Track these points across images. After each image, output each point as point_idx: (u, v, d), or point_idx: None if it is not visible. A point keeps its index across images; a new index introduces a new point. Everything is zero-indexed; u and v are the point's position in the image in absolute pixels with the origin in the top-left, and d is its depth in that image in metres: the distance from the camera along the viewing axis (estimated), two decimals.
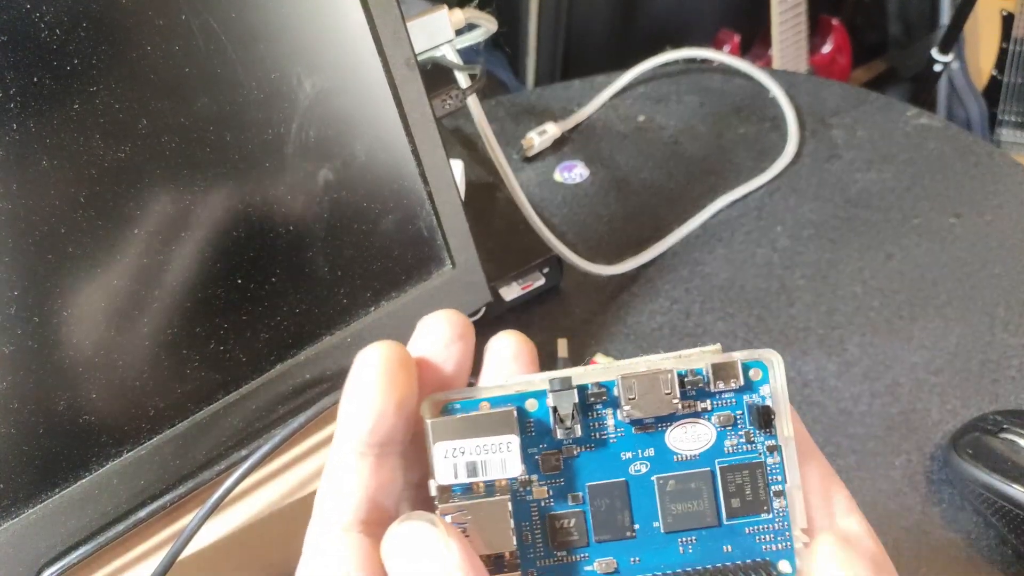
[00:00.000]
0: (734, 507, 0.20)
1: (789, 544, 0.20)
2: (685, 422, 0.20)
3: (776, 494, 0.20)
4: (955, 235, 0.56)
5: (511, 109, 0.67)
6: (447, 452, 0.19)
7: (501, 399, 0.20)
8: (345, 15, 0.34)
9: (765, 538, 0.20)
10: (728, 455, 0.20)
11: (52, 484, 0.32)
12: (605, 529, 0.20)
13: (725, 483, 0.20)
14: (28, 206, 0.29)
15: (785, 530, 0.20)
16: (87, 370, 0.31)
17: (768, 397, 0.20)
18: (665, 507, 0.20)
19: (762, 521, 0.20)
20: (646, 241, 0.55)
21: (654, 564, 0.20)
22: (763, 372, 0.20)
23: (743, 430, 0.20)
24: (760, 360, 0.20)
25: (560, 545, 0.20)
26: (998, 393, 0.46)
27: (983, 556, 0.40)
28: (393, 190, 0.37)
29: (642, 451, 0.20)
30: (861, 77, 1.44)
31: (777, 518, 0.20)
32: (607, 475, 0.20)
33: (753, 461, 0.20)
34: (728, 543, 0.20)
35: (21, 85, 0.28)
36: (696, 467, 0.20)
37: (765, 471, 0.20)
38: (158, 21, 0.30)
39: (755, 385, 0.20)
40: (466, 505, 0.19)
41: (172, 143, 0.31)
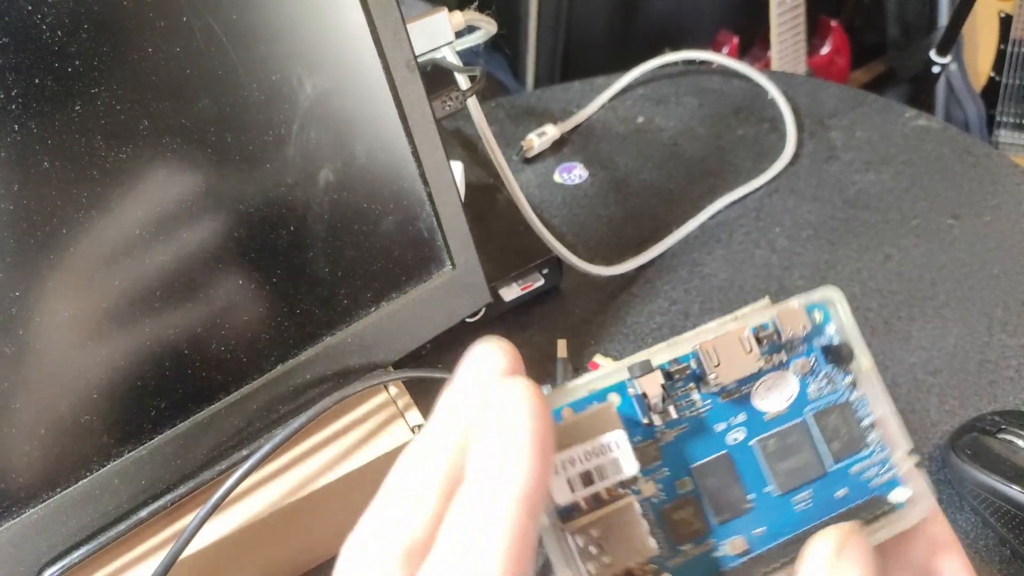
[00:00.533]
0: (836, 451, 0.20)
1: (894, 472, 0.20)
2: (766, 380, 0.19)
3: (869, 427, 0.20)
4: (953, 236, 0.56)
5: (511, 111, 0.67)
6: (556, 468, 0.17)
7: (582, 401, 0.18)
8: (345, 17, 0.34)
9: (871, 473, 0.20)
10: (814, 401, 0.20)
11: (53, 484, 0.32)
12: (722, 508, 0.19)
13: (822, 429, 0.19)
14: (30, 207, 0.29)
15: (887, 460, 0.20)
16: (88, 370, 0.31)
17: (836, 335, 0.20)
18: (773, 469, 0.19)
19: (864, 457, 0.20)
20: (645, 242, 0.55)
21: (779, 529, 0.19)
22: (824, 313, 0.20)
23: (822, 372, 0.20)
24: (820, 302, 0.20)
25: (683, 538, 0.19)
26: (996, 394, 0.47)
27: (981, 556, 0.40)
28: (393, 191, 0.37)
29: (734, 418, 0.19)
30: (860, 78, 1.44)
31: (876, 451, 0.20)
32: (707, 452, 0.19)
33: (840, 402, 0.20)
34: (840, 487, 0.20)
35: (23, 86, 0.28)
36: (789, 421, 0.19)
37: (852, 408, 0.20)
38: (159, 22, 0.30)
39: (822, 327, 0.20)
40: (593, 520, 0.17)
41: (173, 144, 0.31)
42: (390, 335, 0.39)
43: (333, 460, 0.37)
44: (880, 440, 0.20)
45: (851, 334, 0.20)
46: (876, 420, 0.20)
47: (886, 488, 0.20)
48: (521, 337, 0.50)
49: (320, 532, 0.38)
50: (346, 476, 0.36)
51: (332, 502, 0.37)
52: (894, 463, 0.20)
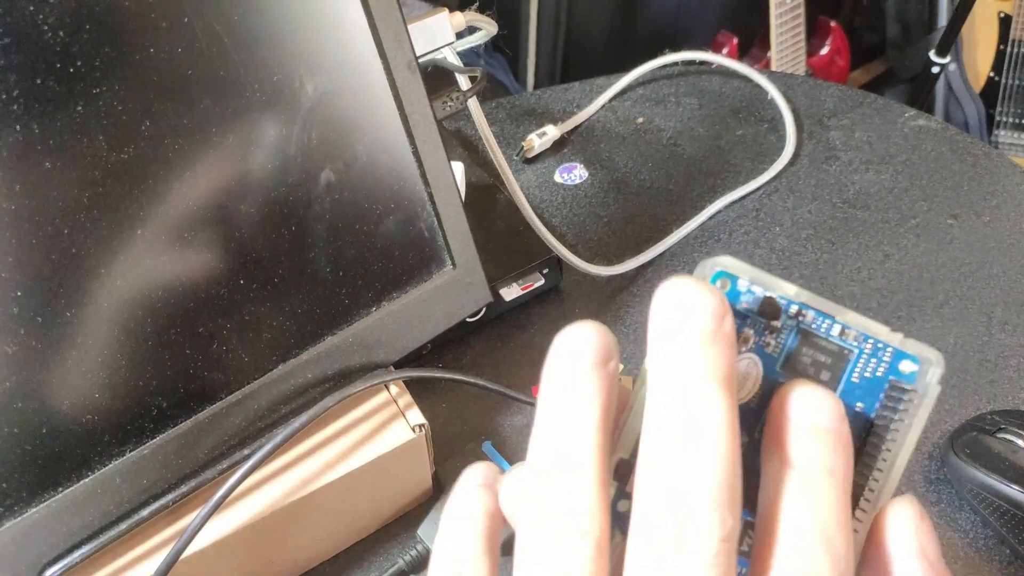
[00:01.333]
0: (827, 379, 0.19)
1: (891, 349, 0.19)
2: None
3: (842, 335, 0.19)
4: (953, 236, 0.56)
5: (511, 111, 0.67)
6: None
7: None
8: (347, 18, 0.34)
9: (871, 366, 0.19)
10: (779, 356, 0.19)
11: (55, 483, 0.32)
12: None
13: (803, 374, 0.19)
14: (31, 207, 0.29)
15: (875, 346, 0.19)
16: (90, 370, 0.31)
17: (747, 292, 0.19)
18: None
19: (855, 360, 0.19)
20: (645, 242, 0.55)
21: None
22: (730, 279, 0.19)
23: (757, 330, 0.19)
24: (716, 273, 0.19)
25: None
26: (995, 393, 0.47)
27: (981, 555, 0.40)
28: (394, 191, 0.37)
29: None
30: (859, 79, 1.44)
31: (863, 346, 0.19)
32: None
33: (798, 340, 0.19)
34: (855, 402, 0.19)
35: (25, 87, 0.28)
36: (770, 392, 0.19)
37: (811, 334, 0.19)
38: (161, 24, 0.30)
39: (735, 293, 0.19)
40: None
41: (175, 145, 0.31)
42: (391, 335, 0.39)
43: (334, 460, 0.37)
44: (858, 335, 0.19)
45: (762, 280, 0.19)
46: (842, 326, 0.19)
47: (893, 368, 0.19)
48: (521, 337, 0.50)
49: (321, 531, 0.38)
50: (347, 476, 0.36)
51: (333, 502, 0.37)
52: (885, 342, 0.19)
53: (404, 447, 0.38)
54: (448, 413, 0.46)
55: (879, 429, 0.19)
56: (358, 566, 0.40)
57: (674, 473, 0.16)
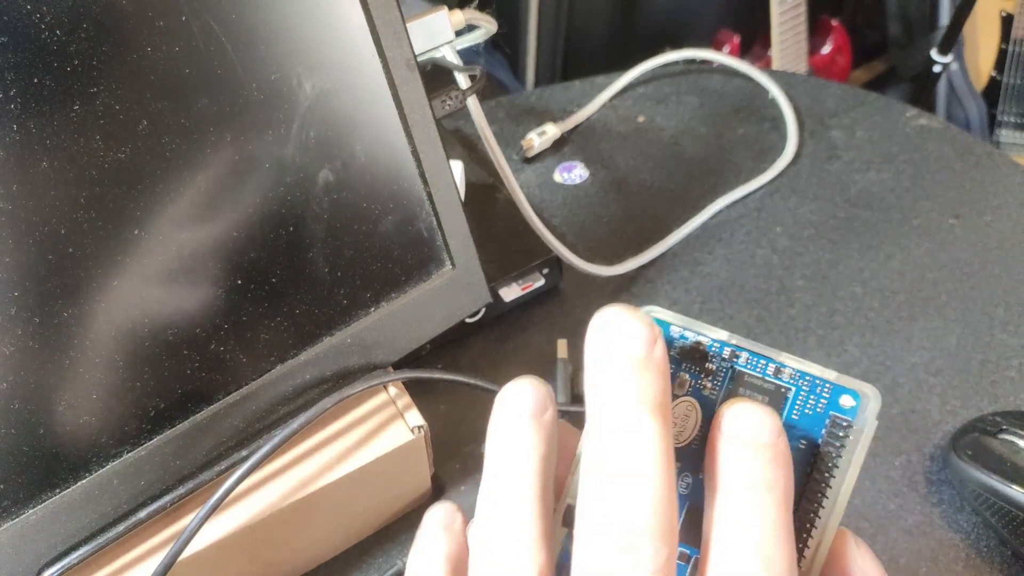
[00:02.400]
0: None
1: (829, 385, 0.19)
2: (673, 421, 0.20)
3: (776, 374, 0.19)
4: (955, 236, 0.56)
5: (511, 110, 0.67)
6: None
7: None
8: (345, 16, 0.34)
9: (811, 403, 0.19)
10: (716, 396, 0.20)
11: (52, 484, 0.32)
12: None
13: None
14: (28, 207, 0.29)
15: (813, 382, 0.19)
16: (87, 370, 0.31)
17: (682, 335, 0.20)
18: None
19: (794, 398, 0.19)
20: (646, 242, 0.55)
21: None
22: (661, 324, 0.20)
23: (701, 372, 0.20)
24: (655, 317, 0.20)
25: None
26: (997, 394, 0.46)
27: (982, 557, 0.40)
28: (393, 191, 0.37)
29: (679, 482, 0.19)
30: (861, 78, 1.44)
31: (799, 384, 0.19)
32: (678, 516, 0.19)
33: (730, 374, 0.20)
34: (797, 440, 0.19)
35: (21, 86, 0.28)
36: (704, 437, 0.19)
37: (749, 373, 0.19)
38: (158, 22, 0.30)
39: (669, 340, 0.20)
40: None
41: (172, 144, 0.31)
42: (390, 335, 0.39)
43: (333, 460, 0.37)
44: (794, 373, 0.19)
45: (692, 326, 0.20)
46: (777, 365, 0.20)
47: (833, 403, 0.19)
48: (521, 337, 0.50)
49: (320, 532, 0.38)
50: (346, 476, 0.36)
51: (332, 502, 0.37)
52: (822, 378, 0.19)
53: (403, 448, 0.37)
54: (447, 414, 0.46)
55: (822, 463, 0.19)
56: (357, 568, 0.40)
57: (607, 505, 0.16)
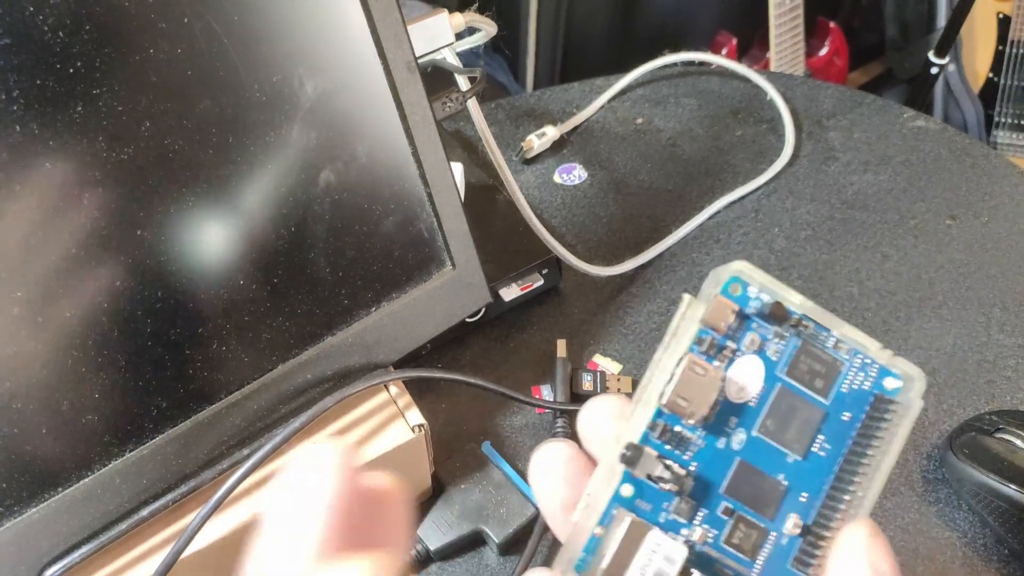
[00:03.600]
0: (820, 387, 0.20)
1: (878, 366, 0.20)
2: (731, 377, 0.20)
3: (836, 347, 0.20)
4: (951, 236, 0.56)
5: (511, 112, 0.67)
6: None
7: (605, 514, 0.20)
8: (346, 18, 0.34)
9: (859, 379, 0.20)
10: (779, 362, 0.21)
11: (55, 483, 0.32)
12: (767, 504, 0.20)
13: (799, 381, 0.20)
14: (31, 207, 0.29)
15: (864, 361, 0.20)
16: (90, 370, 0.31)
17: (761, 296, 0.20)
18: (783, 441, 0.20)
19: (844, 375, 0.20)
20: (644, 242, 0.56)
21: (818, 484, 0.20)
22: (741, 284, 0.21)
23: (771, 334, 0.21)
24: (731, 278, 0.21)
25: (754, 550, 0.20)
26: (994, 393, 0.47)
27: (979, 555, 0.40)
28: (394, 192, 0.37)
29: (727, 427, 0.20)
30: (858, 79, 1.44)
31: (853, 360, 0.20)
32: (725, 470, 0.20)
33: (798, 348, 0.20)
34: (844, 412, 0.20)
35: (24, 87, 0.28)
36: (770, 393, 0.20)
37: (810, 344, 0.20)
38: (161, 24, 0.30)
39: (745, 298, 0.21)
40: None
41: (175, 145, 0.31)
42: (390, 335, 0.39)
43: None
44: (850, 350, 0.21)
45: (772, 287, 0.21)
46: (837, 339, 0.21)
47: (878, 383, 0.20)
48: (520, 337, 0.50)
49: None
50: None
51: None
52: (873, 358, 0.21)
53: (403, 447, 0.38)
54: (447, 413, 0.46)
55: (862, 439, 0.20)
56: None
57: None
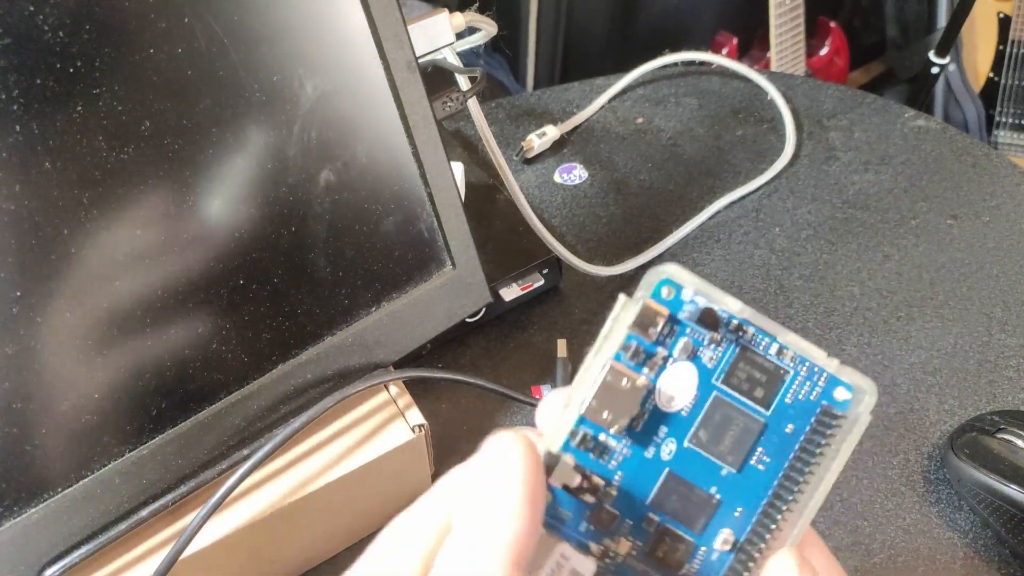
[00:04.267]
0: (761, 397, 0.19)
1: (826, 375, 0.19)
2: (661, 385, 0.19)
3: (779, 354, 0.19)
4: (952, 236, 0.56)
5: (511, 111, 0.67)
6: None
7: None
8: (347, 18, 0.34)
9: (805, 390, 0.19)
10: (715, 369, 0.19)
11: (54, 483, 0.32)
12: (696, 517, 0.19)
13: (736, 389, 0.19)
14: (31, 207, 0.29)
15: (811, 369, 0.19)
16: (90, 370, 0.31)
17: (691, 301, 0.19)
18: (718, 453, 0.19)
19: (788, 384, 0.19)
20: (645, 242, 0.55)
21: (754, 500, 0.19)
22: (674, 287, 0.19)
23: (705, 339, 0.19)
24: (662, 280, 0.19)
25: (677, 566, 0.19)
26: (995, 393, 0.47)
27: (980, 556, 0.40)
28: (394, 191, 0.37)
29: (656, 436, 0.19)
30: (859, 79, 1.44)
31: (799, 367, 0.19)
32: (653, 480, 0.19)
33: (736, 354, 0.19)
34: (786, 423, 0.19)
35: (24, 87, 0.28)
36: (705, 402, 0.19)
37: (752, 350, 0.19)
38: (161, 24, 0.30)
39: (677, 302, 0.19)
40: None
41: (175, 145, 0.31)
42: (390, 335, 0.39)
43: (334, 460, 0.37)
44: (795, 357, 0.19)
45: (707, 292, 0.19)
46: (780, 345, 0.19)
47: (827, 394, 0.19)
48: (521, 337, 0.50)
49: (321, 532, 0.38)
50: (347, 476, 0.36)
51: (333, 502, 0.37)
52: (821, 367, 0.19)
53: (403, 447, 0.38)
54: (448, 413, 0.46)
55: (805, 453, 0.19)
56: None
57: None
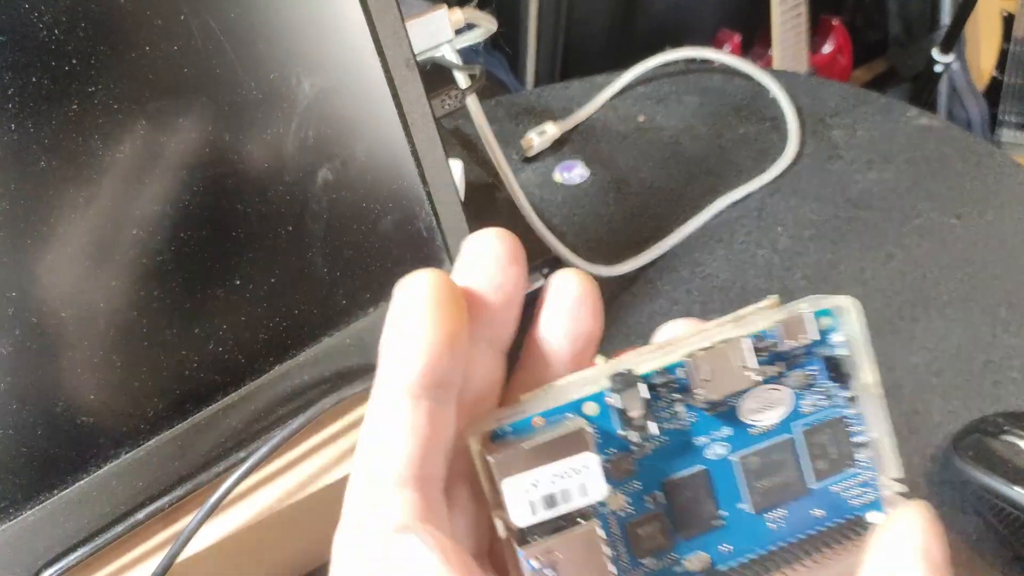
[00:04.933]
0: (820, 469, 0.18)
1: (876, 495, 0.18)
2: (758, 392, 0.18)
3: (859, 445, 0.18)
4: (956, 236, 0.55)
5: (511, 109, 0.67)
6: (519, 489, 0.17)
7: (556, 411, 0.18)
8: (344, 15, 0.34)
9: (853, 493, 0.19)
10: (807, 416, 0.18)
11: (50, 485, 0.32)
12: (690, 525, 0.18)
13: (809, 447, 0.18)
14: (27, 206, 0.29)
15: (872, 481, 0.18)
16: (85, 371, 0.31)
17: (839, 347, 0.18)
18: (751, 486, 0.18)
19: (848, 476, 0.18)
20: (646, 242, 0.55)
21: (747, 547, 0.18)
22: (833, 320, 0.18)
23: (820, 387, 0.18)
24: (828, 308, 0.18)
25: (645, 552, 0.18)
26: (999, 395, 0.46)
27: (984, 559, 0.40)
28: (392, 190, 0.37)
29: (717, 432, 0.18)
30: (861, 77, 1.43)
31: (863, 470, 0.18)
32: (684, 466, 0.18)
33: (833, 418, 0.18)
34: (818, 507, 0.18)
35: (19, 85, 0.28)
36: (776, 436, 0.18)
37: (845, 425, 0.18)
38: (157, 21, 0.30)
39: (827, 336, 0.18)
40: (552, 544, 0.17)
41: (171, 143, 0.31)
42: None
43: (332, 462, 0.36)
44: (869, 460, 0.19)
45: (859, 348, 0.18)
46: (870, 440, 0.19)
47: (864, 509, 0.19)
48: (520, 338, 0.50)
49: (319, 534, 0.38)
50: (345, 478, 0.36)
51: (331, 504, 0.37)
52: (879, 484, 0.19)
53: None
54: None
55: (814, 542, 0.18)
56: None
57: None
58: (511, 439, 0.17)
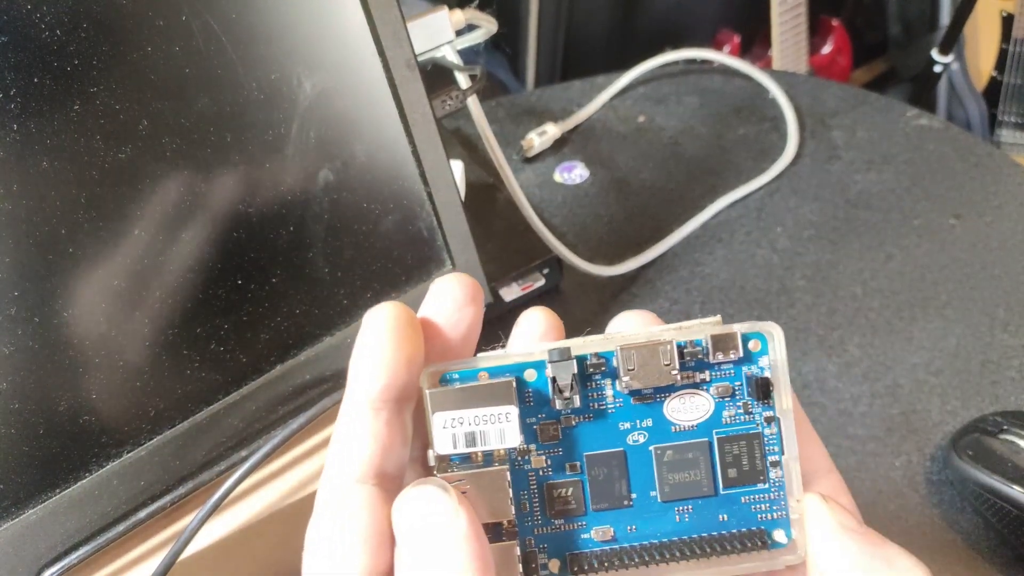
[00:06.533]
0: (731, 477, 0.20)
1: (784, 513, 0.20)
2: (683, 393, 0.20)
3: (773, 464, 0.20)
4: (955, 236, 0.56)
5: (511, 110, 0.67)
6: (446, 422, 0.19)
7: (500, 369, 0.20)
8: (345, 16, 0.34)
9: (761, 507, 0.20)
10: (726, 426, 0.20)
11: (52, 485, 0.32)
12: (602, 498, 0.20)
13: (722, 453, 0.20)
14: (29, 207, 0.29)
15: (780, 499, 0.20)
16: (87, 371, 0.31)
17: (767, 369, 0.20)
18: (662, 476, 0.20)
19: (758, 491, 0.20)
20: (646, 242, 0.55)
21: (650, 532, 0.20)
22: (762, 344, 0.20)
23: (741, 401, 0.20)
24: (760, 332, 0.20)
25: (558, 513, 0.20)
26: (998, 394, 0.46)
27: (983, 557, 0.40)
28: (393, 191, 0.37)
29: (640, 421, 0.20)
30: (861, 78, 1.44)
31: (773, 488, 0.20)
32: (605, 445, 0.20)
33: (750, 432, 0.20)
34: (724, 512, 0.20)
35: (21, 86, 0.28)
36: (694, 437, 0.20)
37: (762, 442, 0.20)
38: (158, 22, 0.30)
39: (754, 356, 0.20)
40: (465, 475, 0.19)
41: (172, 144, 0.31)
42: None
43: None
44: (779, 480, 0.20)
45: (779, 372, 0.20)
46: (782, 460, 0.20)
47: (770, 525, 0.20)
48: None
49: None
50: None
51: None
52: (787, 505, 0.20)
53: None
54: None
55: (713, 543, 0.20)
56: None
57: None
58: (455, 384, 0.20)
